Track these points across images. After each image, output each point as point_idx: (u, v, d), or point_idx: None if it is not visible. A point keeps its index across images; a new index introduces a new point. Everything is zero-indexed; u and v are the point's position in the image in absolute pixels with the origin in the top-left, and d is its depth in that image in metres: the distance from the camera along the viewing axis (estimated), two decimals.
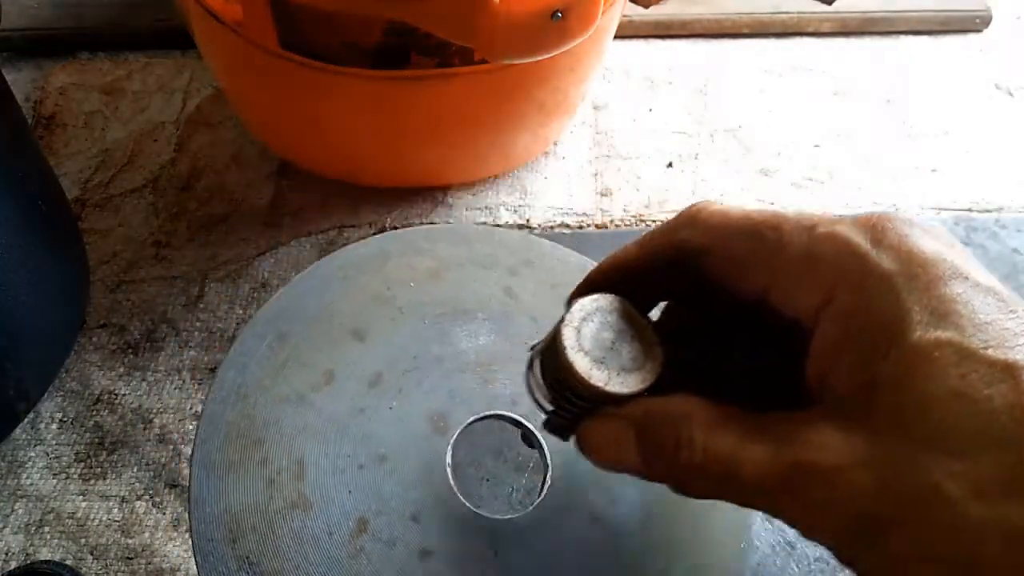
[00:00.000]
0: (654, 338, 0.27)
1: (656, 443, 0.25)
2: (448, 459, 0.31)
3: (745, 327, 0.28)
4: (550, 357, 0.28)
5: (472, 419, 0.32)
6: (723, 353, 0.29)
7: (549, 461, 0.32)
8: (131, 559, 0.48)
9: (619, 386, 0.26)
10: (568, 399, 0.28)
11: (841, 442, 0.21)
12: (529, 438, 0.33)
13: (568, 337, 0.27)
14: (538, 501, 0.32)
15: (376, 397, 0.33)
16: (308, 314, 0.35)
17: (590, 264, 0.38)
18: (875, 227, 0.23)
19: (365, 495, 0.30)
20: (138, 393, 0.55)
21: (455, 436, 0.32)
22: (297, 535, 0.29)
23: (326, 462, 0.31)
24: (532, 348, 0.29)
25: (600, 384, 0.26)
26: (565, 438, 0.29)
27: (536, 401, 0.29)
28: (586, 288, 0.29)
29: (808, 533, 0.22)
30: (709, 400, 0.25)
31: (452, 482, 0.31)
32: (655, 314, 0.29)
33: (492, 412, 0.33)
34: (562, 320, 0.27)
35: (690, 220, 0.27)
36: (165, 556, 0.48)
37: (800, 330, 0.24)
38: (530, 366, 0.29)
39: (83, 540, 0.49)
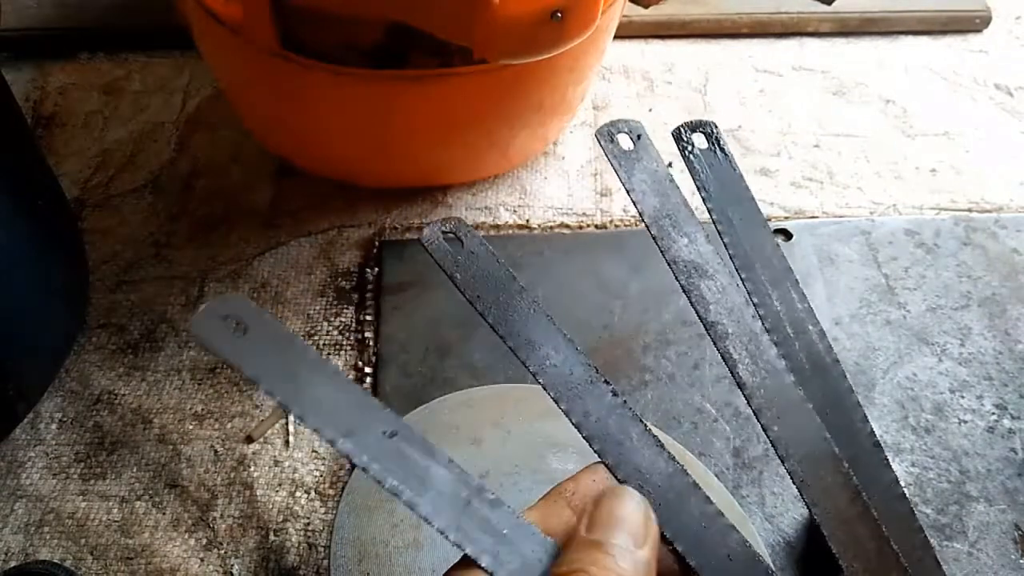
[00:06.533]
0: None
1: None
2: None
3: None
4: None
5: None
6: None
7: None
8: (131, 559, 0.48)
9: None
10: None
11: None
12: None
13: None
14: None
15: None
16: (441, 423, 0.47)
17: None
18: None
19: None
20: (138, 393, 0.55)
21: None
22: (408, 567, 0.40)
23: None
24: None
25: None
26: None
27: None
28: None
29: None
30: None
31: None
32: None
33: None
34: None
35: None
36: (165, 556, 0.49)
37: None
38: None
39: (83, 540, 0.49)
